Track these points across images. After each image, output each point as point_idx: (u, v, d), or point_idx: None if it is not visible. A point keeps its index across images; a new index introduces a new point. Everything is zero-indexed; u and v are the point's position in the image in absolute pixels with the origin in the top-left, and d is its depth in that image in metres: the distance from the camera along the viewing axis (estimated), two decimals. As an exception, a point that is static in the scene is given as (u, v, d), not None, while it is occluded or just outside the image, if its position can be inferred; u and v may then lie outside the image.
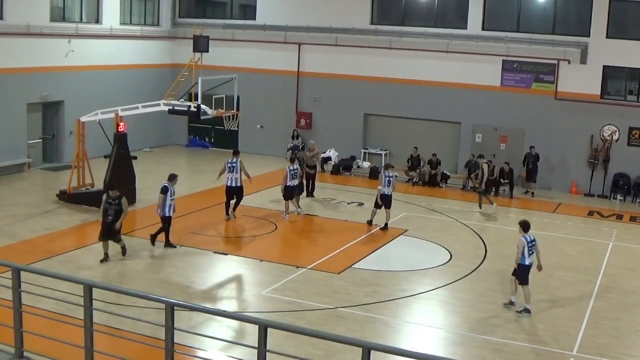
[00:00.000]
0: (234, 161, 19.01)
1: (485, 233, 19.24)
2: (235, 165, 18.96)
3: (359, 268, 15.97)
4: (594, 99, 24.49)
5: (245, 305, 13.75)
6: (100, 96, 25.40)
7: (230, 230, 18.90)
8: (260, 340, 6.84)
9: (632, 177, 24.28)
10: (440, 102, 26.32)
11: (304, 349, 10.94)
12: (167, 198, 16.06)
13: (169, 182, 16.29)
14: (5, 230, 17.41)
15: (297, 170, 19.80)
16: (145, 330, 10.94)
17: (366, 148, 27.87)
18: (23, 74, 23.56)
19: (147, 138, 28.58)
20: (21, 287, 8.07)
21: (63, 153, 25.56)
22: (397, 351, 6.77)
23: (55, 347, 8.82)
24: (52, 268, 14.38)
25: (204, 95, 20.13)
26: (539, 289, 15.05)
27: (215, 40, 24.62)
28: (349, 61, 27.54)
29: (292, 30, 28.13)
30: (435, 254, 17.23)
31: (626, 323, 13.55)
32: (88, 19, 26.49)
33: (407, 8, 27.06)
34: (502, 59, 25.50)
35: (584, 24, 24.48)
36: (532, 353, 12.00)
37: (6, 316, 8.29)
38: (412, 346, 11.48)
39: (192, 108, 19.81)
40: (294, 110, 28.76)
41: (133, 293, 9.73)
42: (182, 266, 15.51)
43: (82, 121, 20.49)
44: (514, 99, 25.41)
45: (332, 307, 13.49)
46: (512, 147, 25.67)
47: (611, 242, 19.12)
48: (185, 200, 21.19)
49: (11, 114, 23.44)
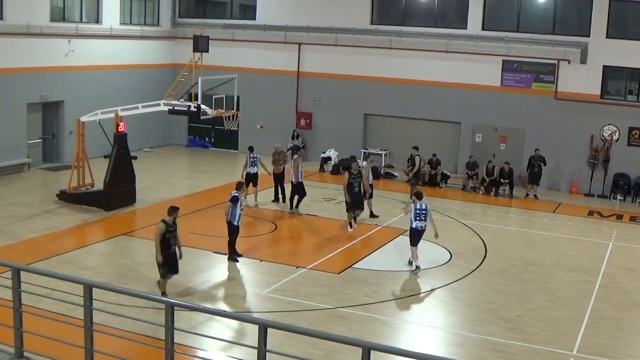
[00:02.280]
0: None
1: (485, 233, 19.24)
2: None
3: (359, 268, 15.97)
4: (594, 99, 24.49)
5: (245, 305, 13.75)
6: (100, 96, 25.40)
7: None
8: (260, 340, 6.84)
9: (632, 177, 24.28)
10: (440, 102, 26.32)
11: (304, 349, 10.95)
12: (237, 208, 15.40)
13: (238, 192, 15.57)
14: (5, 230, 17.41)
15: (257, 158, 20.59)
16: (145, 330, 10.94)
17: (366, 148, 27.87)
18: (23, 74, 23.56)
19: (147, 138, 28.58)
20: (21, 287, 8.06)
21: (63, 153, 25.56)
22: (397, 351, 6.77)
23: (55, 347, 8.82)
24: (52, 268, 14.37)
25: (204, 95, 20.15)
26: (539, 289, 15.07)
27: (215, 40, 24.64)
28: (349, 61, 27.54)
29: (292, 30, 28.13)
30: (435, 254, 17.23)
31: (626, 323, 13.55)
32: (88, 19, 26.49)
33: (407, 8, 27.06)
34: (502, 59, 25.49)
35: (584, 24, 24.48)
36: (532, 353, 11.99)
37: (6, 316, 8.29)
38: (412, 346, 11.49)
39: (192, 108, 19.82)
40: (294, 110, 28.76)
41: (133, 293, 9.73)
42: (182, 266, 15.45)
43: (82, 121, 20.48)
44: (514, 99, 25.41)
45: (332, 307, 13.49)
46: (512, 147, 25.66)
47: (611, 242, 19.12)
48: (185, 200, 21.21)
49: (11, 114, 23.44)
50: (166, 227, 13.01)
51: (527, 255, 17.68)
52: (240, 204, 15.57)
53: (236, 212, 15.40)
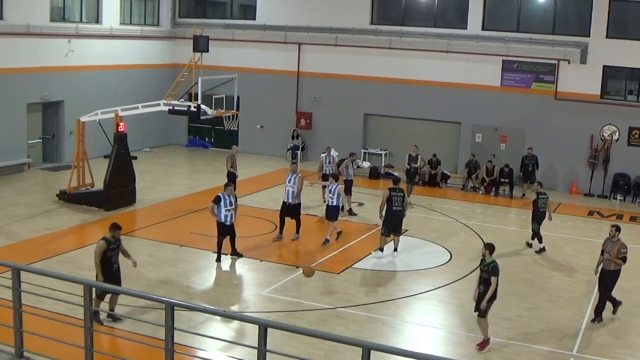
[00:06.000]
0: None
1: (485, 233, 19.23)
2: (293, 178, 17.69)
3: (359, 268, 15.97)
4: (594, 99, 24.49)
5: (245, 305, 13.75)
6: (100, 96, 25.41)
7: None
8: (260, 340, 6.84)
9: (632, 177, 24.28)
10: (440, 102, 26.32)
11: (304, 349, 10.95)
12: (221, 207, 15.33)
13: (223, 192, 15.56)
14: (5, 230, 17.41)
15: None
16: (146, 330, 10.94)
17: (366, 148, 27.87)
18: (23, 74, 23.55)
19: (147, 138, 28.58)
20: (21, 287, 8.06)
21: (63, 153, 25.57)
22: (397, 351, 6.77)
23: (55, 347, 8.82)
24: (52, 268, 14.38)
25: (204, 95, 20.16)
26: (539, 289, 15.07)
27: (215, 40, 24.65)
28: (349, 61, 27.54)
29: (292, 30, 28.13)
30: (435, 254, 17.23)
31: (626, 323, 13.56)
32: (88, 19, 26.49)
33: (407, 8, 27.06)
34: (502, 59, 25.50)
35: (584, 24, 24.49)
36: (532, 353, 12.00)
37: (6, 316, 8.29)
38: (412, 346, 11.49)
39: (192, 108, 19.82)
40: (294, 110, 28.75)
41: (133, 293, 9.74)
42: (182, 266, 15.51)
43: (82, 121, 20.48)
44: (514, 99, 25.41)
45: (332, 307, 13.49)
46: (512, 147, 25.67)
47: (611, 242, 19.08)
48: (185, 200, 21.23)
49: (11, 114, 23.44)
50: (107, 244, 12.08)
51: (527, 255, 17.68)
52: (230, 204, 15.44)
53: (221, 211, 15.37)
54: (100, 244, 12.08)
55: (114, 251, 12.24)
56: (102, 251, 12.01)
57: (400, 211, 16.72)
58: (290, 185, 17.31)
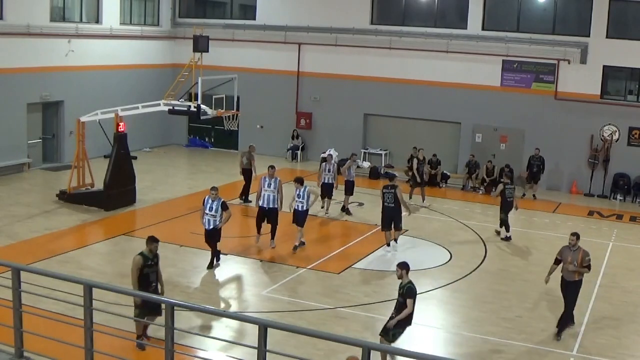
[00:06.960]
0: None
1: (485, 233, 19.23)
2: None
3: (359, 268, 15.97)
4: (594, 99, 24.49)
5: (245, 305, 13.75)
6: (100, 96, 25.40)
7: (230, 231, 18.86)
8: (260, 340, 6.84)
9: (632, 177, 24.28)
10: (440, 102, 26.31)
11: (304, 349, 10.94)
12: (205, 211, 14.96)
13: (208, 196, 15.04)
14: (5, 230, 17.41)
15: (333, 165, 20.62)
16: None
17: (366, 148, 27.87)
18: (23, 74, 23.55)
19: (147, 138, 28.58)
20: (21, 287, 8.07)
21: (63, 153, 25.56)
22: (397, 351, 6.79)
23: (55, 347, 8.82)
24: (52, 268, 14.37)
25: (204, 95, 20.16)
26: (539, 289, 15.06)
27: (215, 40, 24.64)
28: (349, 61, 27.53)
29: (292, 30, 28.13)
30: (435, 254, 17.23)
31: (626, 323, 13.56)
32: (88, 19, 26.48)
33: (407, 8, 27.05)
34: (502, 59, 25.49)
35: (584, 24, 24.48)
36: (532, 353, 12.00)
37: (6, 316, 8.29)
38: (412, 346, 11.48)
39: (192, 108, 19.83)
40: (294, 110, 28.75)
41: (133, 293, 9.73)
42: (182, 266, 15.51)
43: (82, 121, 20.48)
44: (514, 99, 25.40)
45: (332, 307, 13.49)
46: (512, 147, 25.66)
47: (611, 242, 19.11)
48: (185, 200, 21.23)
49: (11, 114, 23.43)
50: (143, 260, 10.94)
51: (527, 255, 17.69)
52: (210, 209, 14.83)
53: (204, 215, 15.06)
54: (136, 260, 10.91)
55: (152, 268, 11.00)
56: (139, 267, 10.85)
57: (392, 207, 16.87)
58: (270, 190, 16.58)
